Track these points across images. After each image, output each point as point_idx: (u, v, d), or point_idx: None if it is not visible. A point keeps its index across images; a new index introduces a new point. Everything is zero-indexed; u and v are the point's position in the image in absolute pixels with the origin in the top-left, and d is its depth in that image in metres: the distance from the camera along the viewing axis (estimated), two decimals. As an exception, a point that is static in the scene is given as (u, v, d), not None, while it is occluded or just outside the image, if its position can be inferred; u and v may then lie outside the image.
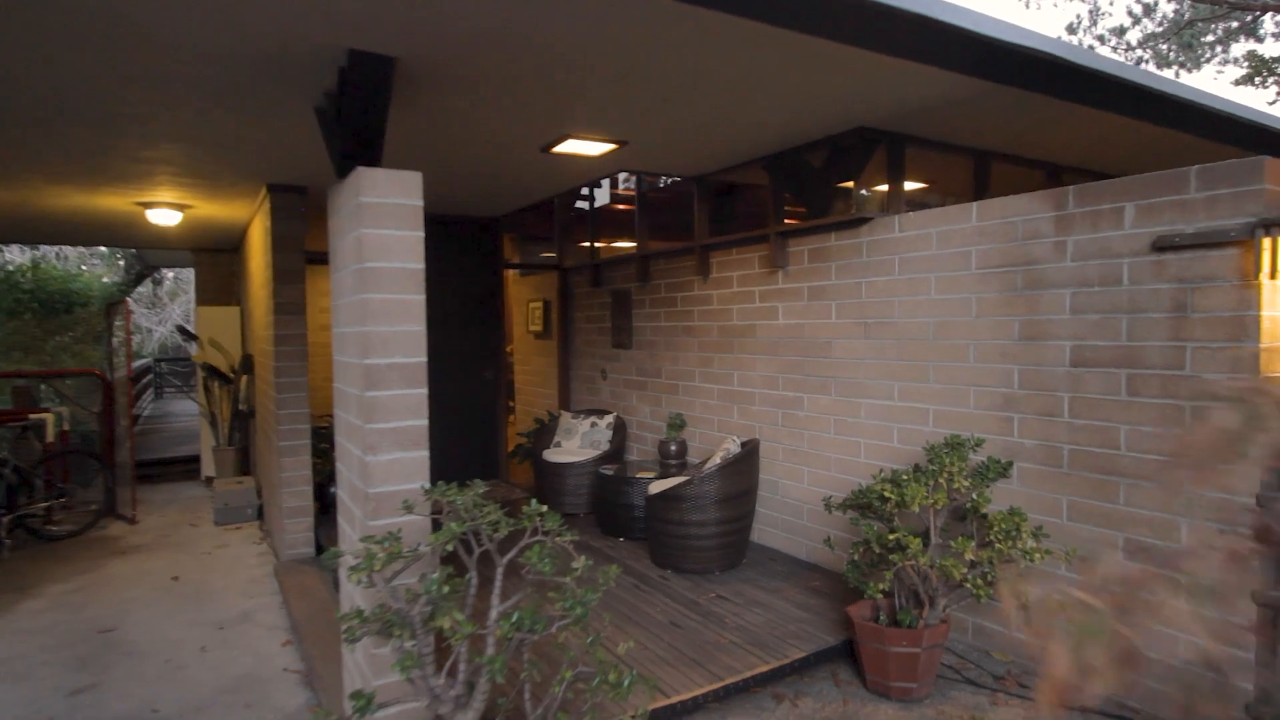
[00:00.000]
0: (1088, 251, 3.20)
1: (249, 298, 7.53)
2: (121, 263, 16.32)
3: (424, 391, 2.66)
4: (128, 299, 9.24)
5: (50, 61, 2.88)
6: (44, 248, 16.69)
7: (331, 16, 2.50)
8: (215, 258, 9.43)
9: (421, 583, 2.17)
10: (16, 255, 15.31)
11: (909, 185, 5.30)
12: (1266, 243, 2.64)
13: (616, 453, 6.06)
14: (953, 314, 3.79)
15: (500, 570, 2.26)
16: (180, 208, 6.08)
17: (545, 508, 2.31)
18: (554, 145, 4.31)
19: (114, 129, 3.83)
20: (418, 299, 2.65)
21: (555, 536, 2.27)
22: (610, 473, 5.40)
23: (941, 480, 3.13)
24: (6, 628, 4.46)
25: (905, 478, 3.21)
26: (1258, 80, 11.24)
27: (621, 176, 7.35)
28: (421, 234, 2.66)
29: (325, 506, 5.76)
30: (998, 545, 3.02)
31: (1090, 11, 11.65)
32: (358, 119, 2.91)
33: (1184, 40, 11.41)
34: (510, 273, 8.53)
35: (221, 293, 9.26)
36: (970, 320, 3.71)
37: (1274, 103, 11.36)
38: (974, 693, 3.26)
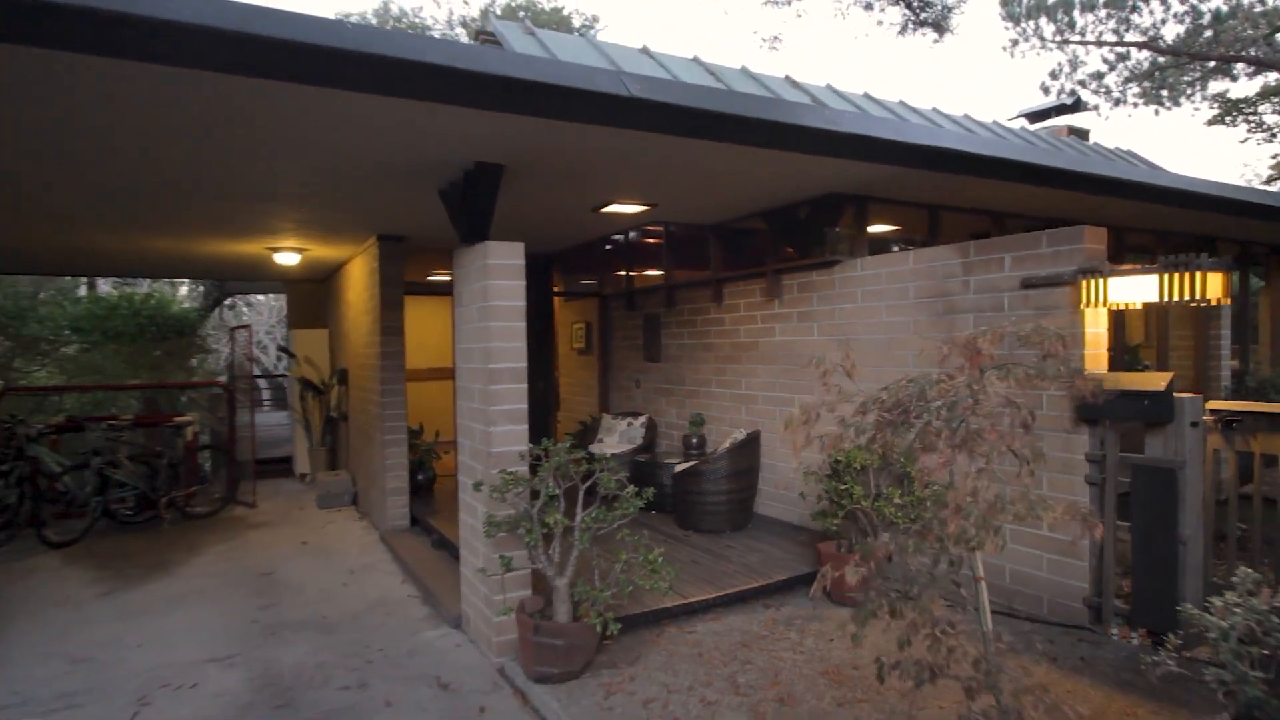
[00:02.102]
0: (983, 287, 4.53)
1: (343, 321, 9.06)
2: (200, 289, 18.17)
3: (524, 386, 4.07)
4: (249, 325, 10.88)
5: (248, 161, 4.37)
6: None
7: (469, 142, 3.95)
8: (307, 288, 11.04)
9: (535, 497, 3.57)
10: (109, 287, 17.19)
11: (880, 229, 6.65)
12: (1085, 284, 3.95)
13: (649, 445, 7.43)
14: (898, 331, 5.12)
15: (581, 493, 3.65)
16: (300, 250, 7.63)
17: (606, 454, 3.70)
18: (601, 207, 5.75)
19: (274, 202, 5.32)
20: (520, 325, 4.07)
21: (613, 472, 3.65)
22: (644, 460, 6.77)
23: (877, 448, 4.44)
24: (193, 572, 5.95)
25: (856, 449, 4.53)
26: (1227, 120, 12.31)
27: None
28: (523, 283, 4.08)
29: (415, 489, 7.21)
30: (916, 493, 4.32)
31: (1070, 60, 12.88)
32: (478, 205, 4.35)
33: (1157, 83, 12.54)
34: (557, 298, 9.98)
35: (312, 317, 10.86)
36: (910, 335, 5.03)
37: (1245, 140, 12.39)
38: (901, 600, 4.54)
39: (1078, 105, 12.98)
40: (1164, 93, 12.72)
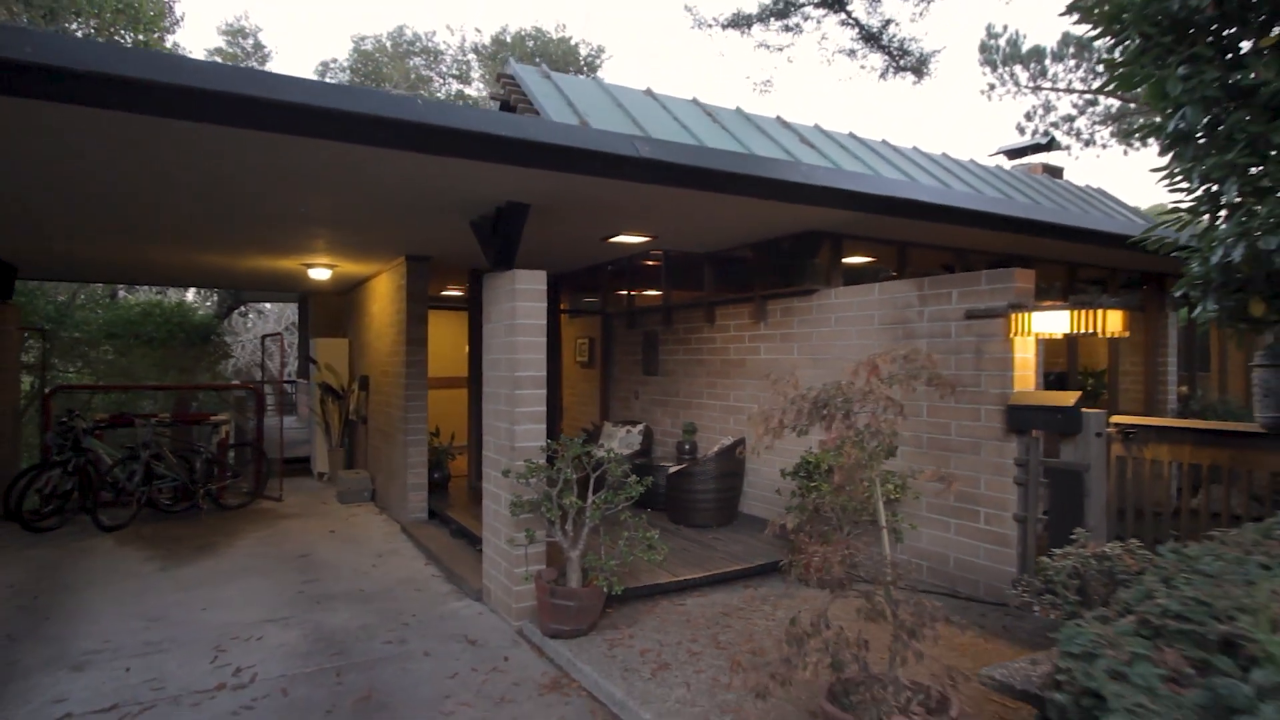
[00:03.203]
0: (935, 317, 5.31)
1: (366, 332, 9.80)
2: (215, 297, 18.92)
3: (544, 391, 4.83)
4: (281, 333, 11.61)
5: (293, 193, 5.14)
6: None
7: (502, 187, 4.72)
8: (327, 299, 11.80)
9: (552, 484, 4.32)
10: (142, 295, 17.91)
11: (857, 260, 7.44)
12: (1014, 316, 4.73)
13: (646, 451, 8.18)
14: (865, 352, 5.85)
15: (592, 480, 4.40)
16: (331, 266, 8.40)
17: (614, 450, 4.45)
18: (609, 237, 6.54)
19: (318, 225, 6.08)
20: (541, 340, 4.83)
21: (619, 463, 4.41)
22: (641, 463, 7.50)
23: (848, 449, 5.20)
24: (237, 553, 6.65)
25: (825, 453, 5.28)
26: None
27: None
28: (545, 304, 4.85)
29: (431, 486, 7.94)
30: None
31: (1043, 104, 13.80)
32: (507, 236, 5.12)
33: (1125, 126, 13.45)
34: (563, 315, 10.74)
35: (331, 327, 11.60)
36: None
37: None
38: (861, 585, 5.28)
39: (1052, 144, 13.87)
40: (1136, 134, 13.64)
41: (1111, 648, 1.75)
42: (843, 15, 9.60)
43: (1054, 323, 4.51)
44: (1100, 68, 11.86)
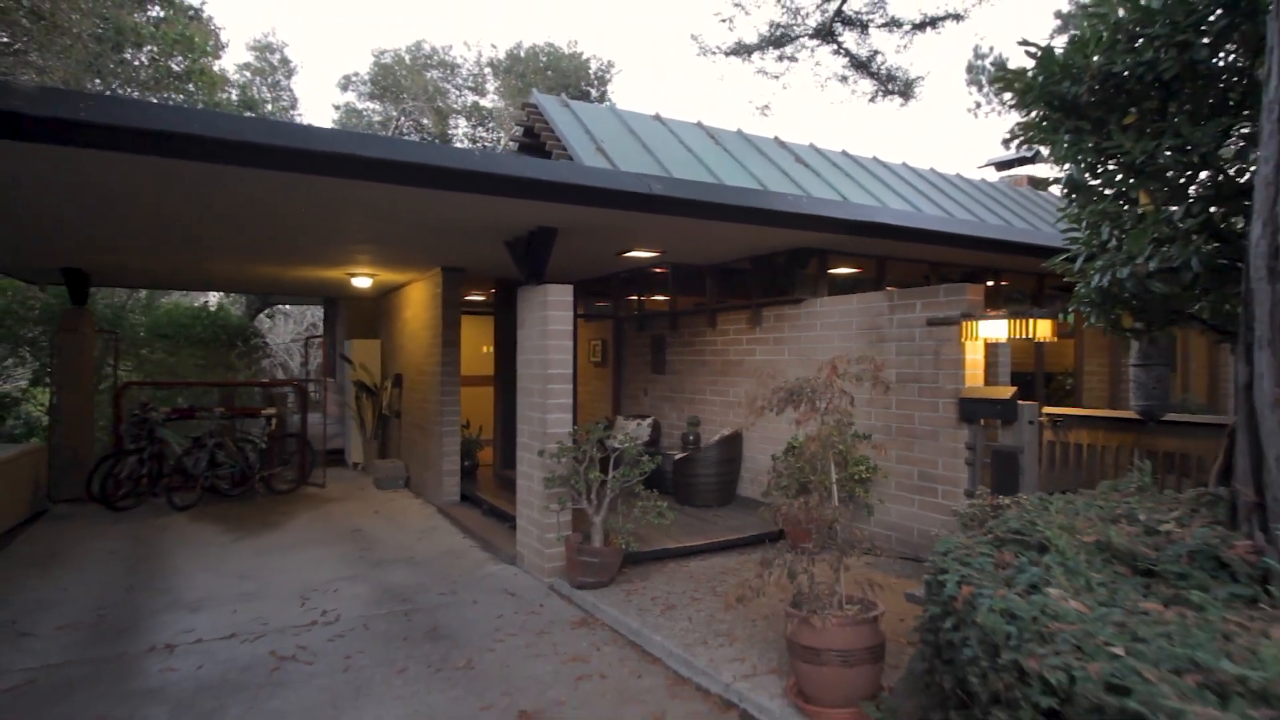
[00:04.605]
0: (901, 323, 6.22)
1: (399, 335, 10.76)
2: (243, 300, 19.95)
3: (570, 386, 5.76)
4: (324, 336, 12.62)
5: (357, 224, 6.09)
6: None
7: (533, 216, 5.65)
8: (358, 303, 12.77)
9: (579, 462, 5.25)
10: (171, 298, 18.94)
11: (843, 270, 8.35)
12: (965, 324, 5.64)
13: (654, 441, 9.10)
14: (845, 353, 6.79)
15: (611, 458, 5.34)
16: (371, 276, 9.35)
17: (628, 434, 5.38)
18: (623, 253, 7.47)
19: (364, 244, 7.04)
20: (569, 343, 5.77)
21: (634, 446, 5.34)
22: (650, 452, 8.42)
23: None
24: (297, 528, 7.61)
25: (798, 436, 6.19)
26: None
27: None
28: (571, 313, 5.78)
29: (462, 473, 8.88)
30: (849, 469, 6.00)
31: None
32: (538, 255, 6.06)
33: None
34: (579, 319, 11.68)
35: (364, 329, 12.56)
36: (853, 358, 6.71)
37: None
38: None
39: (1036, 157, 14.72)
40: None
41: (966, 549, 2.65)
42: (834, 46, 10.50)
43: (996, 330, 5.41)
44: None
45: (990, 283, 9.17)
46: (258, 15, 37.42)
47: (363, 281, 9.42)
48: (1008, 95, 4.33)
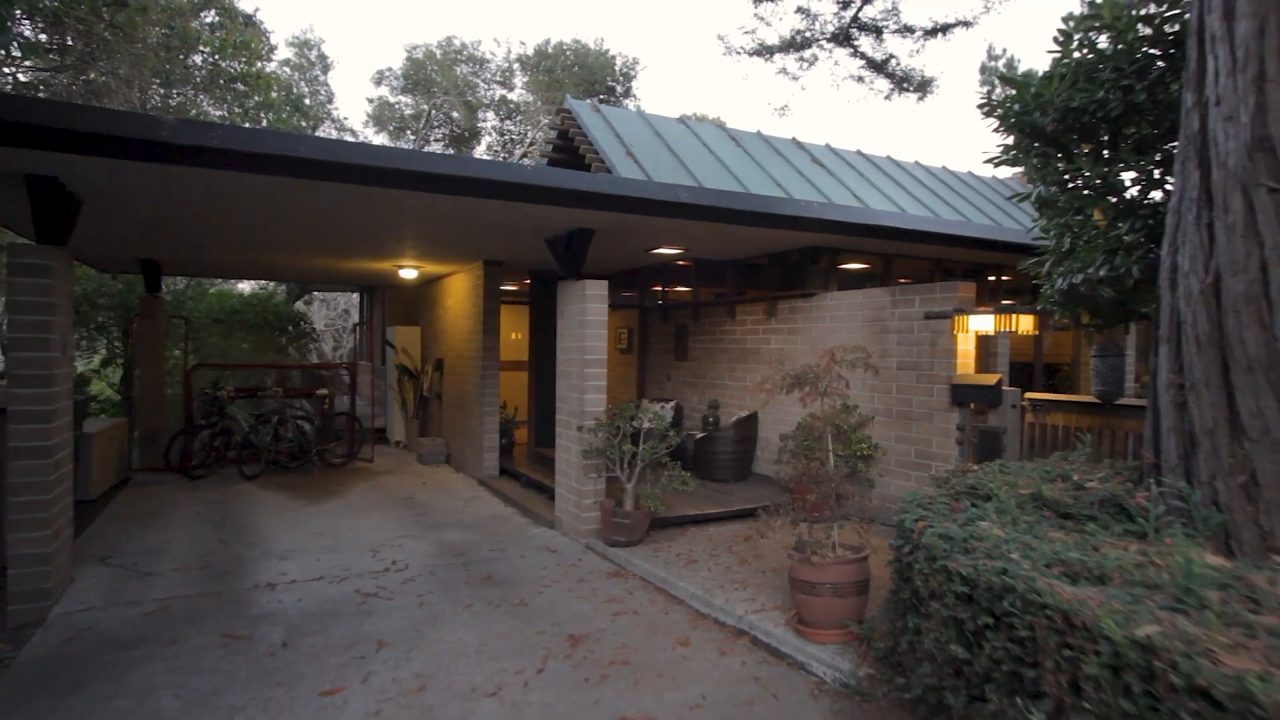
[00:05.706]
0: (902, 317, 6.91)
1: (440, 321, 11.59)
2: (284, 287, 20.93)
3: (605, 370, 6.52)
4: (366, 324, 13.50)
5: (411, 225, 6.87)
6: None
7: (572, 219, 6.39)
8: (398, 292, 13.62)
9: (614, 436, 6.02)
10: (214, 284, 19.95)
11: (853, 266, 9.02)
12: (958, 318, 6.31)
13: (677, 423, 9.86)
14: (852, 343, 7.49)
15: (641, 433, 6.11)
16: (417, 267, 10.17)
17: (655, 415, 6.15)
18: (651, 249, 8.20)
19: (417, 238, 7.83)
20: (604, 332, 6.53)
21: (661, 423, 6.10)
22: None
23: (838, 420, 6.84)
24: (357, 495, 8.48)
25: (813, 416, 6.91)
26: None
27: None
28: (606, 305, 6.54)
29: (501, 449, 9.71)
30: (853, 447, 6.71)
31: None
32: (576, 253, 6.81)
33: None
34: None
35: (405, 316, 13.42)
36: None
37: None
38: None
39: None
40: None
41: (930, 499, 3.37)
42: (851, 49, 11.10)
43: (984, 323, 6.09)
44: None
45: (991, 278, 9.79)
46: (296, 12, 38.50)
47: (409, 273, 10.24)
48: (991, 120, 5.01)
